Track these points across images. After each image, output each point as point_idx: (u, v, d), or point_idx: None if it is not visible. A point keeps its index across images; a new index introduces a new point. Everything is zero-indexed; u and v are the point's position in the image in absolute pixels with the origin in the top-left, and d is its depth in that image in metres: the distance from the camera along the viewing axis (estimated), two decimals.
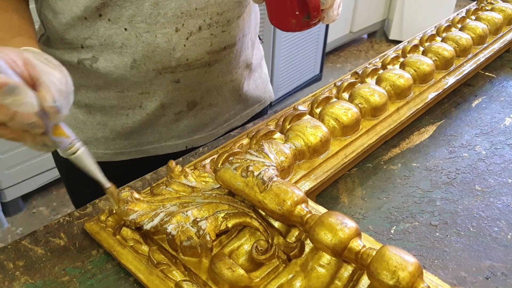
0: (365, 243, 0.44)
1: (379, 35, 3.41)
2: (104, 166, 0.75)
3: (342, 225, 0.44)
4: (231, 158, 0.52)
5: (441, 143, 0.71)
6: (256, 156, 0.52)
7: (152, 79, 0.68)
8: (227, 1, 0.67)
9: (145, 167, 0.72)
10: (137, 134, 0.76)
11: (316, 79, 2.80)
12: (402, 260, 0.41)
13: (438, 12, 3.14)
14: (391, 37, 3.32)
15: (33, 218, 1.89)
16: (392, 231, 0.56)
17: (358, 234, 0.45)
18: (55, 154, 0.84)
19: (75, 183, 0.85)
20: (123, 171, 0.76)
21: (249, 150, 0.53)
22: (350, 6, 2.95)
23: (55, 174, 1.92)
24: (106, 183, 0.49)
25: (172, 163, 0.56)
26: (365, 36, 3.43)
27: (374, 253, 0.43)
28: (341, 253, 0.44)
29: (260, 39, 0.91)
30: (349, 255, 0.44)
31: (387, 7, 3.26)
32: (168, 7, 0.62)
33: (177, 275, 0.48)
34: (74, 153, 0.46)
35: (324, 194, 0.61)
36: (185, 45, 0.65)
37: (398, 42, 3.33)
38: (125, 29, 0.62)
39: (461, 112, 0.78)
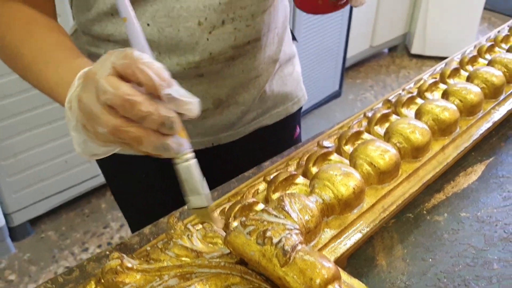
0: None
1: (400, 50, 3.28)
2: (131, 160, 0.76)
3: None
4: (243, 218, 0.42)
5: (492, 187, 0.60)
6: (275, 216, 0.42)
7: (176, 74, 0.67)
8: None
9: (170, 166, 0.71)
10: None
11: (336, 95, 2.69)
12: None
13: (463, 26, 3.01)
14: (413, 51, 3.18)
15: (41, 243, 1.81)
16: None
17: None
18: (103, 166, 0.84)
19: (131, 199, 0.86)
20: (150, 168, 0.76)
21: (266, 208, 0.43)
22: (370, 20, 2.83)
23: (64, 197, 1.85)
24: (209, 201, 0.44)
25: (173, 218, 0.47)
26: (386, 50, 3.30)
27: None
28: None
29: (293, 36, 0.86)
30: None
31: (408, 20, 3.13)
32: (191, 0, 0.61)
33: None
34: (187, 160, 0.42)
35: (357, 254, 0.50)
36: (208, 39, 0.64)
37: (420, 56, 3.20)
38: (148, 25, 0.62)
39: None
